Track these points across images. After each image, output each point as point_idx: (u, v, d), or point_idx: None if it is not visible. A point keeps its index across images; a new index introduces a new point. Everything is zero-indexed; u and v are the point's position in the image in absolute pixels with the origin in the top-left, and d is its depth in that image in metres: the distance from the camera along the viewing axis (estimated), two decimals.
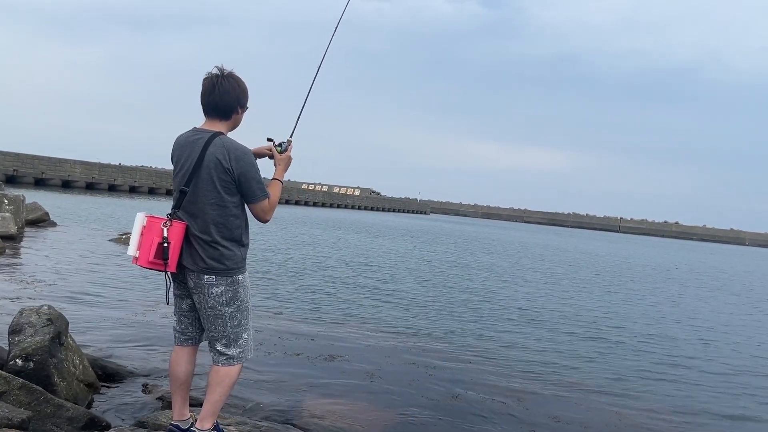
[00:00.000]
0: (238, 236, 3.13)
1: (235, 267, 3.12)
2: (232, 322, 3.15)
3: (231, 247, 3.10)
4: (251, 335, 3.29)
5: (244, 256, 3.20)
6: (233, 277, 3.11)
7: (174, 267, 3.07)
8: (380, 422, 4.91)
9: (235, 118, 3.21)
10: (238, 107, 3.19)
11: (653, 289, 18.24)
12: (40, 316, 4.33)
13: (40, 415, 3.37)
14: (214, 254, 3.06)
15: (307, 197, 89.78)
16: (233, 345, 3.17)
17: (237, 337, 3.18)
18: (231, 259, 3.10)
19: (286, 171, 3.40)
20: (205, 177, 3.05)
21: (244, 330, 3.21)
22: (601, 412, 5.72)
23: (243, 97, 3.19)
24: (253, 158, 3.14)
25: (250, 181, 3.06)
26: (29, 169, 48.75)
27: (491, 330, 9.04)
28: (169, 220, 3.05)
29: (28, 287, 8.43)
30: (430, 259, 20.82)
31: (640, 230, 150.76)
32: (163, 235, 3.01)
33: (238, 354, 3.20)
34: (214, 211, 3.06)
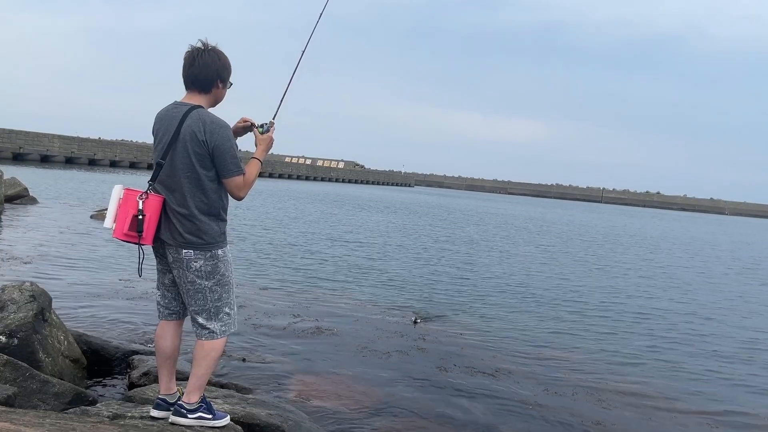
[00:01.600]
0: (215, 210, 3.11)
1: (214, 241, 3.11)
2: (212, 296, 3.15)
3: (208, 221, 3.08)
4: (234, 309, 3.28)
5: (224, 231, 3.19)
6: (212, 252, 3.10)
7: (150, 240, 3.06)
8: (368, 396, 4.97)
9: (215, 92, 3.17)
10: (218, 81, 3.15)
11: (642, 259, 18.48)
12: (22, 292, 4.30)
13: (26, 391, 3.37)
14: (191, 228, 3.06)
15: (291, 170, 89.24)
16: (214, 319, 3.18)
17: (218, 311, 3.18)
18: (209, 234, 3.09)
19: (267, 152, 3.36)
20: (180, 150, 3.04)
21: (226, 304, 3.20)
22: (592, 385, 5.83)
23: (223, 71, 3.15)
24: (230, 132, 3.09)
25: (224, 155, 3.02)
26: (6, 143, 47.83)
27: (482, 304, 9.13)
28: (146, 193, 3.05)
29: (8, 264, 8.34)
30: (418, 233, 20.89)
31: (622, 200, 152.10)
32: (138, 208, 3.00)
33: (221, 328, 3.20)
34: (190, 185, 3.05)
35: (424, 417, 4.67)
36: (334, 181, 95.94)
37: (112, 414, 3.25)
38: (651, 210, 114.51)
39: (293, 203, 30.27)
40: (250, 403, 4.09)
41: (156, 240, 3.13)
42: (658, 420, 5.05)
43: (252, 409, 3.92)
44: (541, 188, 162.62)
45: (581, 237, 25.35)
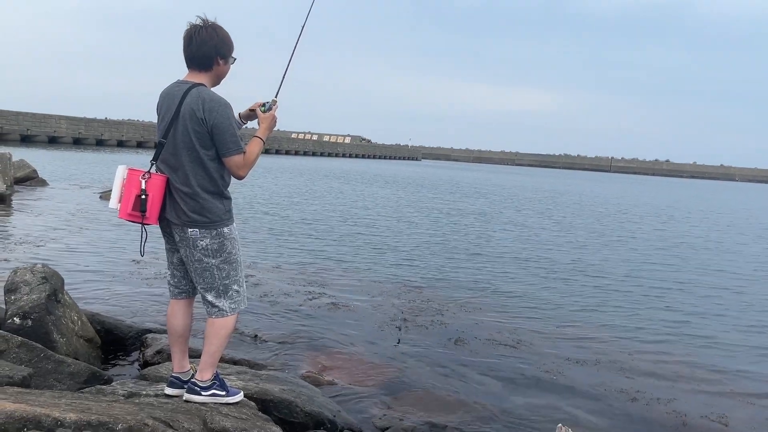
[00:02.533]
0: (218, 188, 3.10)
1: (219, 219, 3.10)
2: (220, 273, 3.16)
3: (212, 199, 3.07)
4: (243, 287, 3.29)
5: (228, 209, 3.17)
6: (218, 230, 3.10)
7: (154, 219, 3.09)
8: (382, 371, 4.99)
9: (216, 69, 3.14)
10: (218, 57, 3.11)
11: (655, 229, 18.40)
12: (34, 274, 4.33)
13: (42, 371, 3.41)
14: (195, 207, 3.06)
15: (297, 146, 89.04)
16: (223, 296, 3.19)
17: (227, 289, 3.20)
18: (212, 212, 3.08)
19: (270, 132, 3.32)
20: (181, 129, 3.03)
21: (234, 281, 3.21)
22: (615, 357, 5.83)
23: (222, 47, 3.11)
24: (230, 111, 3.06)
25: (223, 133, 3.00)
26: (14, 125, 47.92)
27: (498, 279, 9.06)
28: (148, 173, 3.06)
29: (20, 246, 8.41)
30: (429, 208, 20.87)
31: (631, 169, 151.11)
32: (141, 188, 3.02)
33: (230, 305, 3.22)
34: (191, 163, 3.04)
35: (440, 390, 4.70)
36: (341, 157, 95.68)
37: (127, 392, 3.28)
38: (660, 178, 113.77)
39: (302, 180, 30.25)
40: (263, 378, 4.13)
41: (162, 219, 3.16)
42: (681, 390, 5.06)
43: (265, 384, 3.95)
44: (549, 159, 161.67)
45: (594, 208, 25.23)
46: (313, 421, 3.80)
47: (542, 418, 4.28)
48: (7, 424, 2.19)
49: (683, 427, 4.33)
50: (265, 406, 3.66)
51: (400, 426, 3.97)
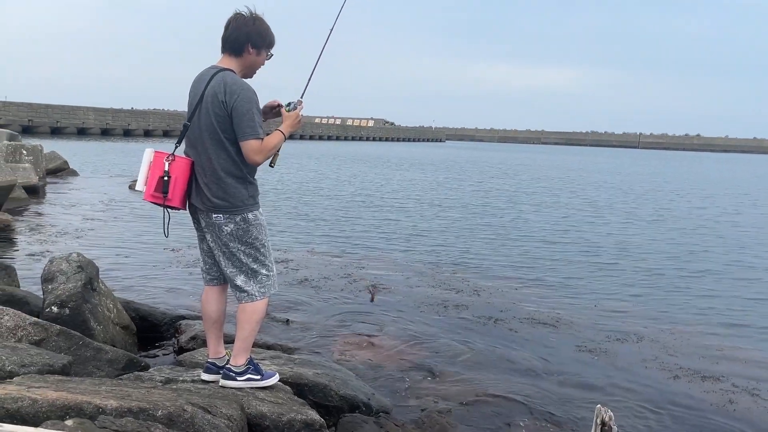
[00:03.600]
0: (241, 173, 3.08)
1: (242, 204, 3.09)
2: (247, 258, 3.16)
3: (235, 183, 3.07)
4: (273, 270, 3.28)
5: (252, 194, 3.14)
6: (242, 215, 3.10)
7: (177, 202, 3.10)
8: (416, 353, 4.98)
9: (246, 57, 3.13)
10: (248, 45, 3.10)
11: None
12: (70, 263, 4.38)
13: (81, 359, 3.46)
14: (218, 192, 3.06)
15: (321, 131, 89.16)
16: (253, 281, 3.19)
17: (255, 273, 3.19)
18: (236, 197, 3.07)
19: (293, 129, 3.26)
20: (204, 112, 3.05)
21: (262, 266, 3.20)
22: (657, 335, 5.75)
23: (256, 36, 3.10)
24: (252, 95, 3.02)
25: (241, 117, 2.98)
26: (44, 118, 48.81)
27: (534, 260, 8.94)
28: (172, 155, 3.08)
29: (55, 236, 8.56)
30: (458, 191, 20.77)
31: (660, 145, 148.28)
32: (164, 169, 3.04)
33: (259, 290, 3.21)
34: (214, 147, 3.05)
35: (476, 371, 4.67)
36: (365, 140, 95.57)
37: (165, 378, 3.31)
38: (691, 153, 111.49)
39: (328, 165, 30.29)
40: (297, 363, 4.14)
41: (190, 206, 3.19)
42: (725, 366, 4.96)
43: (299, 369, 3.96)
44: (575, 136, 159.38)
45: (628, 187, 24.78)
46: (348, 404, 3.80)
47: (581, 398, 4.23)
48: (50, 411, 2.22)
49: (729, 405, 4.24)
50: (300, 390, 3.67)
51: (435, 408, 3.95)
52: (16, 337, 3.36)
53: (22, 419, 2.18)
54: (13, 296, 4.47)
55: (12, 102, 48.31)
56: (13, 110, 46.77)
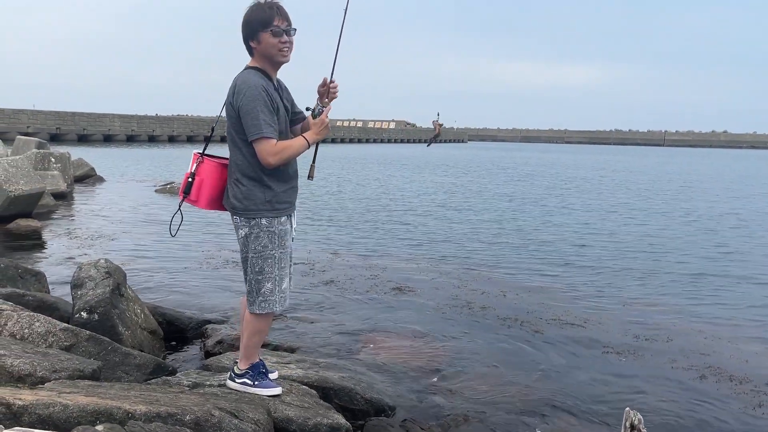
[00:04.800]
0: (257, 175, 3.03)
1: (256, 208, 3.04)
2: (253, 268, 3.08)
3: (251, 186, 3.03)
4: (280, 287, 3.13)
5: (269, 199, 3.05)
6: (256, 220, 3.05)
7: (204, 204, 3.15)
8: (439, 352, 4.96)
9: (257, 51, 3.07)
10: (250, 42, 3.06)
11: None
12: (98, 269, 4.45)
13: (110, 363, 3.51)
14: (236, 193, 3.07)
15: (342, 134, 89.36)
16: (255, 292, 3.12)
17: (259, 285, 3.09)
18: (250, 199, 3.03)
19: (320, 137, 3.11)
20: (225, 114, 3.10)
21: (268, 279, 3.08)
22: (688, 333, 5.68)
23: (247, 30, 3.02)
24: (257, 92, 2.92)
25: (245, 116, 2.93)
26: (71, 126, 49.69)
27: (562, 261, 8.81)
28: (202, 156, 3.13)
29: (83, 242, 8.70)
30: (483, 193, 20.69)
31: (686, 142, 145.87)
32: (191, 171, 3.11)
33: (260, 303, 3.11)
34: (233, 147, 3.08)
35: (502, 371, 4.64)
36: (386, 142, 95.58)
37: (192, 383, 3.34)
38: (718, 150, 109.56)
39: (351, 168, 30.38)
40: (323, 366, 4.15)
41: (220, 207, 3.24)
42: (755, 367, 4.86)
43: (325, 372, 3.98)
44: (599, 135, 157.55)
45: (657, 186, 24.42)
46: (374, 408, 3.80)
47: (609, 401, 4.17)
48: (81, 417, 2.25)
49: (759, 408, 4.15)
50: (325, 394, 3.69)
51: (461, 410, 3.93)
52: (47, 342, 3.42)
53: (53, 425, 2.22)
54: (43, 302, 4.55)
55: (40, 111, 49.27)
56: (41, 119, 47.71)
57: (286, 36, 3.02)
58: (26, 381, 2.70)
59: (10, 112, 45.89)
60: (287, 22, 3.03)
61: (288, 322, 5.45)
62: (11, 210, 9.76)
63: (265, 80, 3.04)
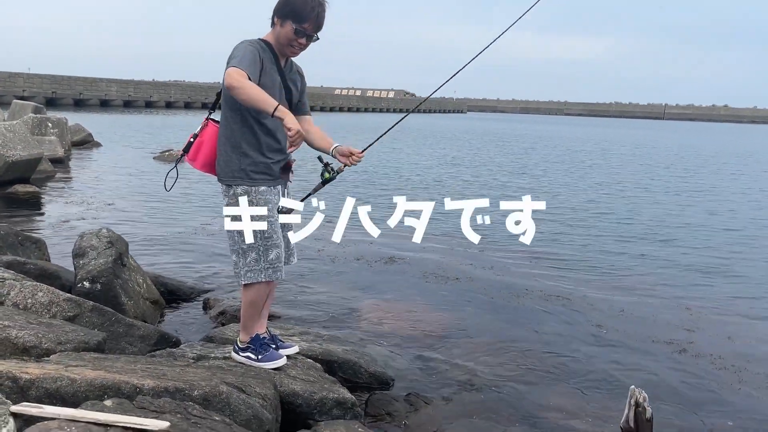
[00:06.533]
0: (236, 141, 3.03)
1: (231, 176, 3.04)
2: (238, 236, 3.04)
3: (229, 152, 3.04)
4: (266, 258, 3.08)
5: (244, 167, 3.02)
6: (233, 189, 3.03)
7: (200, 165, 3.14)
8: (438, 323, 4.97)
9: (275, 29, 3.05)
10: (275, 16, 3.04)
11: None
12: (100, 239, 4.41)
13: (113, 335, 3.49)
14: (219, 159, 3.09)
15: (341, 102, 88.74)
16: (242, 261, 3.08)
17: (245, 255, 3.07)
18: (227, 166, 3.05)
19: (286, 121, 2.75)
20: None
21: (252, 249, 3.05)
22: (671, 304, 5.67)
23: (282, 7, 2.99)
24: (243, 45, 2.94)
25: (228, 62, 2.89)
26: (67, 90, 49.16)
27: (555, 233, 8.81)
28: (207, 120, 3.16)
29: (83, 209, 8.63)
30: (481, 164, 20.60)
31: (686, 116, 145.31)
32: (195, 132, 3.13)
33: (246, 273, 3.08)
34: (222, 115, 3.12)
35: (503, 339, 4.67)
36: (385, 112, 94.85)
37: (197, 355, 3.33)
38: (719, 124, 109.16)
39: (351, 137, 30.17)
40: (326, 339, 4.15)
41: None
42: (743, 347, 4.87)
43: (328, 345, 3.97)
44: (599, 107, 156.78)
45: (662, 161, 24.33)
46: (377, 381, 3.81)
47: (611, 374, 4.18)
48: (88, 391, 2.23)
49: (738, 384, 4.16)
50: (330, 367, 3.69)
51: (465, 383, 3.93)
52: (50, 313, 3.39)
53: (61, 399, 2.20)
54: (44, 270, 4.52)
55: (36, 74, 48.71)
56: (37, 82, 47.16)
57: (305, 41, 3.04)
58: (31, 353, 2.68)
59: (6, 75, 45.34)
60: (317, 29, 3.03)
61: (286, 292, 5.43)
62: (9, 175, 9.67)
63: (267, 53, 3.01)
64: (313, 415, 3.02)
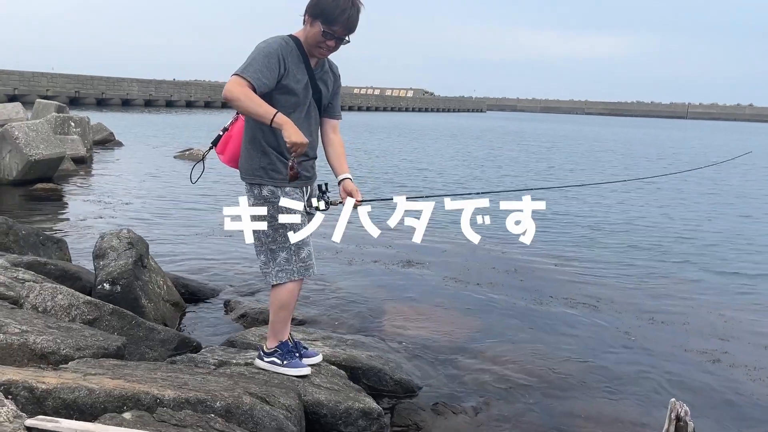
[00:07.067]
0: (255, 139, 2.96)
1: (251, 175, 2.97)
2: (266, 237, 2.97)
3: (251, 149, 2.98)
4: (298, 256, 3.01)
5: (264, 166, 2.94)
6: (258, 190, 2.95)
7: (227, 160, 3.13)
8: (463, 328, 4.84)
9: (305, 27, 2.94)
10: (306, 15, 2.93)
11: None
12: (120, 239, 4.35)
13: (133, 339, 3.41)
14: (241, 155, 3.06)
15: (360, 102, 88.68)
16: (270, 262, 3.00)
17: (274, 255, 2.99)
18: (247, 162, 3.00)
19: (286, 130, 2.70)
20: None
21: (282, 249, 2.97)
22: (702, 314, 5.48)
23: (313, 7, 2.88)
24: (262, 45, 2.86)
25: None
26: (90, 90, 49.72)
27: (574, 237, 8.67)
28: (237, 114, 3.10)
29: (104, 208, 8.62)
30: (499, 163, 20.42)
31: (710, 115, 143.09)
32: (226, 125, 3.11)
33: (277, 273, 2.99)
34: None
35: (530, 345, 4.53)
36: (404, 111, 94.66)
37: (218, 361, 3.24)
38: (743, 124, 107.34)
39: (373, 137, 30.09)
40: (350, 344, 4.04)
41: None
42: None
43: (352, 351, 3.86)
44: (620, 106, 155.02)
45: (689, 162, 23.95)
46: (403, 388, 3.69)
47: (645, 383, 4.01)
48: (107, 402, 2.14)
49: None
50: (353, 374, 3.57)
51: (494, 391, 3.80)
52: (70, 316, 3.32)
53: (79, 410, 2.11)
54: (65, 271, 4.47)
55: (59, 74, 49.30)
56: (60, 82, 47.73)
57: (335, 43, 2.92)
58: (50, 359, 2.60)
59: (30, 75, 45.94)
60: (348, 32, 2.90)
61: (305, 295, 5.33)
62: (32, 174, 9.72)
63: (293, 48, 2.91)
64: (338, 426, 2.91)
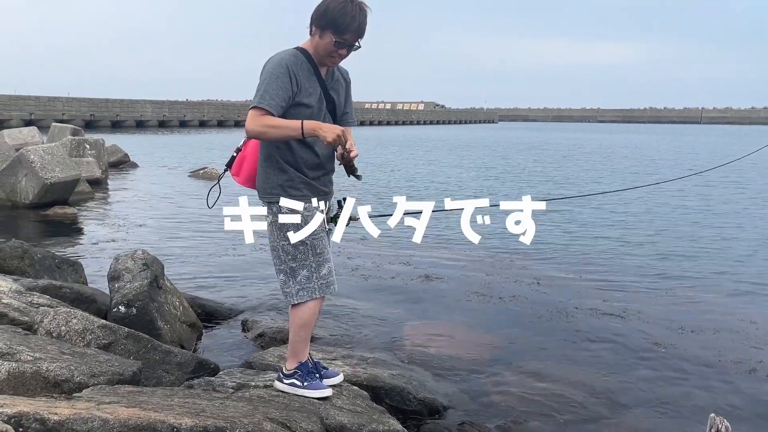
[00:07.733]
0: (271, 156, 2.90)
1: (269, 193, 2.91)
2: (285, 255, 2.91)
3: (267, 167, 2.93)
4: (319, 273, 2.94)
5: (282, 183, 2.88)
6: (277, 207, 2.88)
7: (243, 180, 3.08)
8: (486, 343, 4.72)
9: (312, 38, 2.87)
10: (312, 25, 2.85)
11: None
12: (135, 261, 4.29)
13: (149, 362, 3.32)
14: (258, 174, 2.99)
15: (371, 116, 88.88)
16: (291, 281, 2.93)
17: (294, 273, 2.92)
18: (264, 181, 2.94)
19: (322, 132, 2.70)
20: None
21: (303, 267, 2.90)
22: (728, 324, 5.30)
23: (319, 17, 2.79)
24: (272, 66, 2.78)
25: (257, 87, 2.80)
26: (104, 112, 50.33)
27: (597, 248, 8.48)
28: None
29: (119, 230, 8.61)
30: (514, 176, 20.30)
31: (724, 119, 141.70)
32: (239, 146, 3.05)
33: (297, 291, 2.92)
34: None
35: (556, 362, 4.38)
36: (415, 124, 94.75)
37: (236, 384, 3.14)
38: (758, 127, 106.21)
39: (385, 152, 30.09)
40: (371, 363, 3.92)
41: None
42: None
43: (374, 370, 3.75)
44: (633, 113, 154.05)
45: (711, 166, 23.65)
46: (427, 408, 3.57)
47: (678, 400, 3.86)
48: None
49: None
50: (376, 394, 3.46)
51: (521, 411, 3.67)
52: (84, 341, 3.25)
53: None
54: (80, 294, 4.41)
55: (75, 98, 49.96)
56: (75, 106, 48.36)
57: (346, 51, 2.85)
58: (63, 387, 2.51)
59: (46, 100, 46.60)
60: (358, 38, 2.83)
61: (324, 313, 5.23)
62: (48, 197, 9.74)
63: (302, 62, 2.84)
64: None
